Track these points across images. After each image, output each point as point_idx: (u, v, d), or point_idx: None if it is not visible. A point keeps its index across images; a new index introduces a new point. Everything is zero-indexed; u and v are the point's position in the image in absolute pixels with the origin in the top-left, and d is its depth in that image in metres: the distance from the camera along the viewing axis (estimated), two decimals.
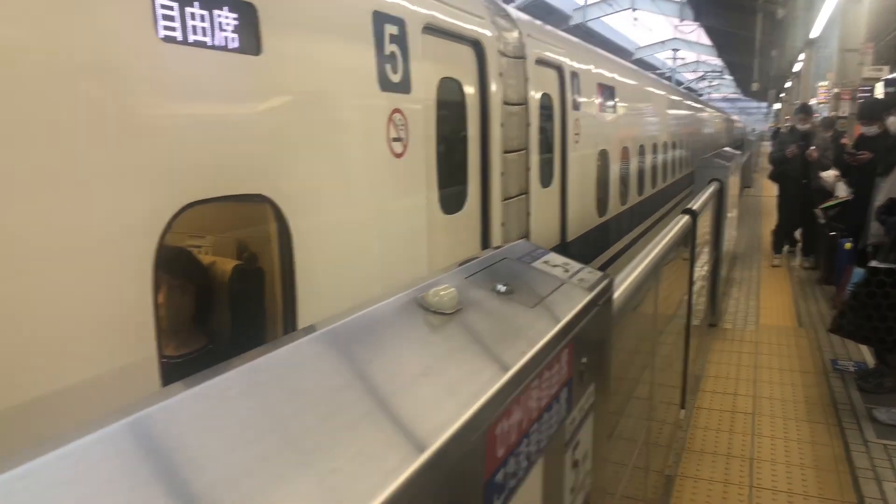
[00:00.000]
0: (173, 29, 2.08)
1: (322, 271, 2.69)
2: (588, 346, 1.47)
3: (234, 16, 2.28)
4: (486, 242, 4.29)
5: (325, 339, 1.00)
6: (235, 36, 2.29)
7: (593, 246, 6.75)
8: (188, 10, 2.11)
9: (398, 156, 3.25)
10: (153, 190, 1.98)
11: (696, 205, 4.42)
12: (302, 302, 2.57)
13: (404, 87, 3.29)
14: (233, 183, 2.31)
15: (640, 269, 2.38)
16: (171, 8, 2.06)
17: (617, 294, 1.88)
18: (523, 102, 4.87)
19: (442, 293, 1.17)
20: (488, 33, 4.34)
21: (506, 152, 4.52)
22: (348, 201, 2.91)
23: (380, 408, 0.86)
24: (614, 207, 7.66)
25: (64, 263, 1.73)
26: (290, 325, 2.55)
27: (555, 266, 1.61)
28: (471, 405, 0.91)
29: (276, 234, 2.53)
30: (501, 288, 1.34)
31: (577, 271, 1.62)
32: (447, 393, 0.93)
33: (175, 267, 2.45)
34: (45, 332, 1.69)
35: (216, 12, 2.21)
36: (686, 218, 3.96)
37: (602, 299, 1.60)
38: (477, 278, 1.38)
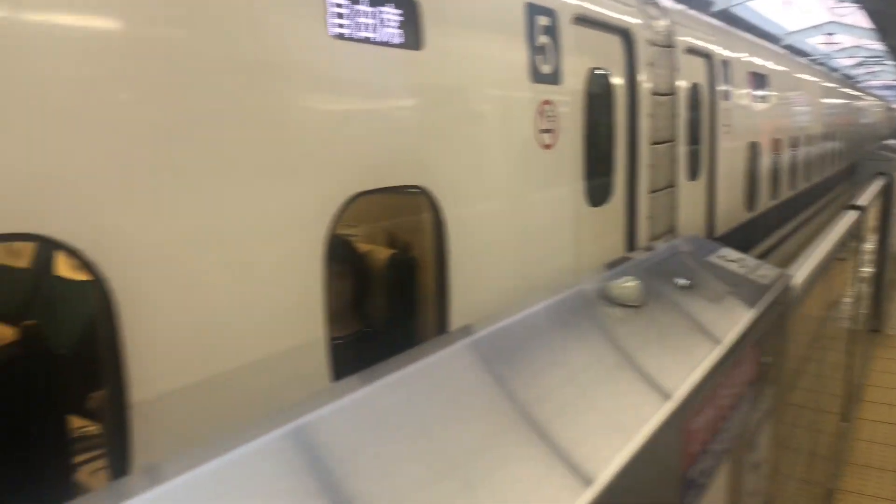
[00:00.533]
0: (342, 26, 2.17)
1: (474, 261, 2.73)
2: (769, 346, 1.41)
3: (399, 12, 2.36)
4: (631, 236, 4.19)
5: (513, 329, 1.02)
6: (400, 31, 2.36)
7: (741, 243, 6.42)
8: (356, 7, 2.20)
9: (547, 147, 3.24)
10: (326, 181, 2.08)
11: (863, 200, 4.10)
12: (455, 289, 2.62)
13: (554, 78, 3.27)
14: (394, 175, 2.39)
15: (811, 266, 2.24)
16: (340, 6, 2.15)
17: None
18: (672, 92, 4.71)
19: (626, 285, 1.16)
20: (637, 22, 4.23)
21: (653, 144, 4.39)
22: (499, 193, 2.94)
23: (581, 398, 0.86)
24: (764, 203, 7.25)
25: (253, 250, 1.85)
26: (443, 312, 2.61)
27: (731, 261, 1.55)
28: (671, 400, 0.89)
29: (432, 225, 2.60)
30: (682, 282, 1.30)
31: (756, 268, 1.55)
32: (645, 386, 0.92)
33: (339, 254, 2.57)
34: (243, 312, 1.82)
35: (382, 9, 2.29)
36: (852, 214, 3.69)
37: (782, 298, 1.53)
38: (654, 271, 1.35)
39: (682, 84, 4.91)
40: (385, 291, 2.84)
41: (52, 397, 1.72)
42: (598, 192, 3.80)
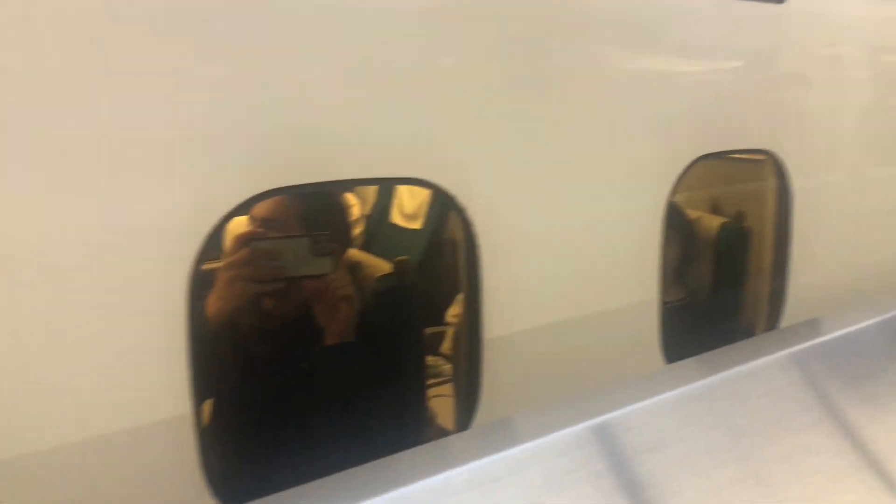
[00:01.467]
0: None
1: (822, 238, 2.50)
2: None
3: None
4: None
5: (865, 337, 0.90)
6: None
7: None
8: None
9: None
10: (675, 143, 2.04)
11: None
12: (796, 265, 2.42)
13: None
14: (741, 137, 2.26)
15: None
16: None
17: None
18: None
19: None
20: None
21: None
22: (855, 164, 2.63)
23: None
24: None
25: (603, 209, 1.89)
26: (779, 290, 2.43)
27: None
28: None
29: (775, 194, 2.41)
30: None
31: None
32: None
33: (674, 218, 2.52)
34: (589, 267, 1.90)
35: None
36: None
37: None
38: None
39: None
40: (711, 261, 2.72)
41: (418, 324, 1.95)
42: None
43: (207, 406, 1.65)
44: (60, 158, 1.17)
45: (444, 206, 3.59)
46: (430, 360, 2.41)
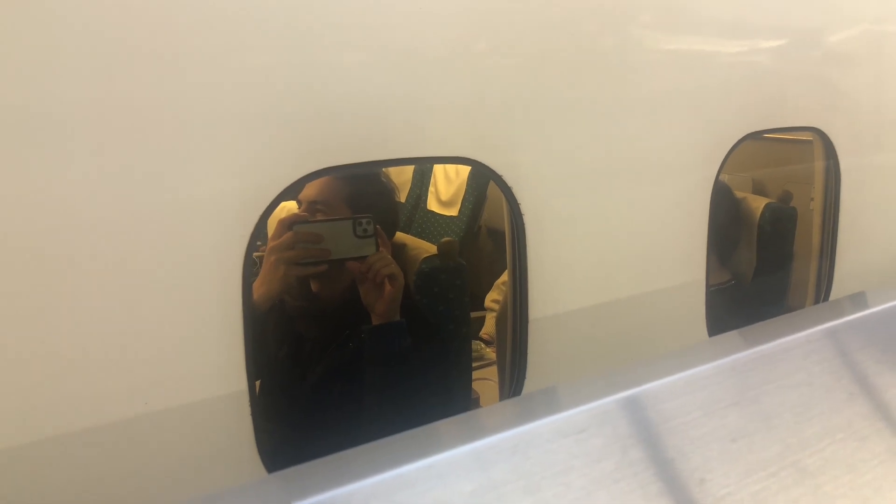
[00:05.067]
0: None
1: (871, 219, 2.44)
2: None
3: None
4: None
5: None
6: None
7: None
8: None
9: None
10: (722, 121, 2.00)
11: None
12: (842, 246, 2.37)
13: None
14: (787, 115, 2.21)
15: None
16: None
17: None
18: None
19: None
20: None
21: None
22: None
23: None
24: None
25: (647, 189, 1.87)
26: (826, 272, 2.39)
27: None
28: None
29: (823, 173, 2.36)
30: None
31: None
32: None
33: (720, 199, 2.49)
34: (632, 247, 1.88)
35: None
36: None
37: None
38: None
39: None
40: (755, 244, 2.68)
41: (463, 305, 1.95)
42: None
43: (260, 384, 1.68)
44: (121, 144, 1.18)
45: (481, 192, 3.60)
46: (473, 343, 2.41)
